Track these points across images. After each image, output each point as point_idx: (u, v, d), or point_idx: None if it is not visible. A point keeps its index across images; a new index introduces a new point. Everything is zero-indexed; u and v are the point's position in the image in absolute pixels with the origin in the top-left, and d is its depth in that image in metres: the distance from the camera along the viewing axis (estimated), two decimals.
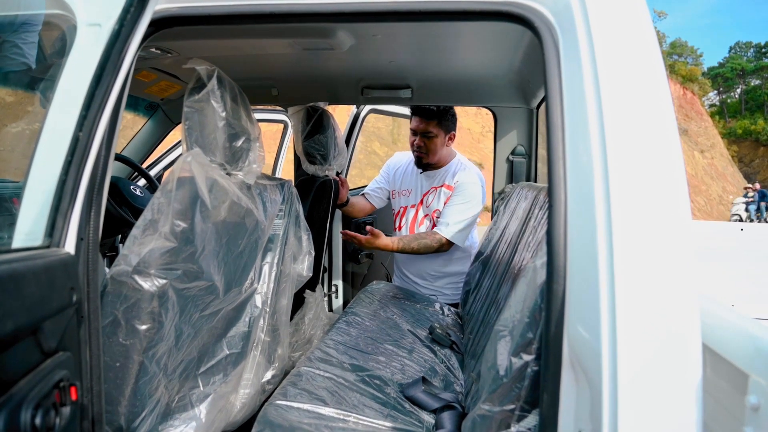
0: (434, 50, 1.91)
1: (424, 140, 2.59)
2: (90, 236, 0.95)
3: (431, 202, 2.71)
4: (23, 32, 1.71)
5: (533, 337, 1.02)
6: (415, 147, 2.63)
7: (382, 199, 2.94)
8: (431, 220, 2.70)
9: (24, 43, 1.73)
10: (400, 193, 2.84)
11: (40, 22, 1.60)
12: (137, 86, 2.31)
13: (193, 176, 1.43)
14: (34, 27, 1.67)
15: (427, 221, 2.73)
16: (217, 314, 1.54)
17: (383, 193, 2.93)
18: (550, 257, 0.89)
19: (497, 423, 1.06)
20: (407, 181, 2.83)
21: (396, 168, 2.91)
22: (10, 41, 1.75)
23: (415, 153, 2.65)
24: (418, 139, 2.60)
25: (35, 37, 1.70)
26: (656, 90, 0.83)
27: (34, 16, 1.64)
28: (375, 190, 2.93)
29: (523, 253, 1.67)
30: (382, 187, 2.93)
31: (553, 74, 0.95)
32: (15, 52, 1.77)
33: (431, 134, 2.58)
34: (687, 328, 0.75)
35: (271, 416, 1.33)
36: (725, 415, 0.82)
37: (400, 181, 2.86)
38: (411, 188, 2.80)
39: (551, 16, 0.98)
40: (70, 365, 0.87)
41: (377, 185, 2.94)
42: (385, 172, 2.96)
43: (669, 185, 0.79)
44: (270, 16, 1.14)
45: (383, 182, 2.94)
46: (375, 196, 2.92)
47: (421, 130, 2.58)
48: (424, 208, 2.74)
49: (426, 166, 2.69)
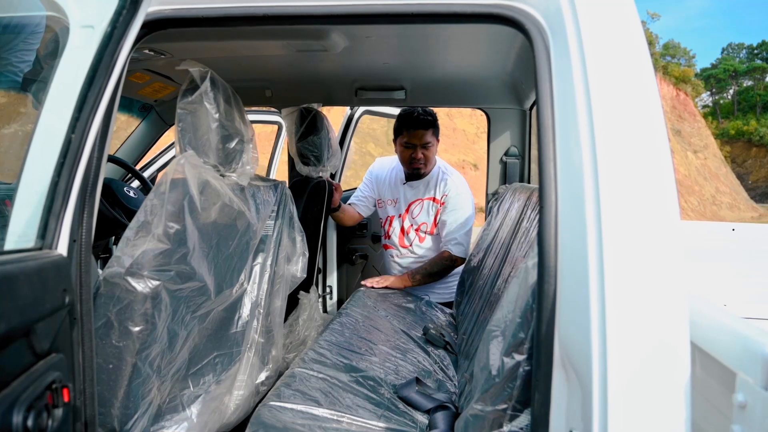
0: (427, 52, 1.91)
1: (424, 152, 2.56)
2: (83, 238, 0.95)
3: (417, 214, 2.71)
4: (19, 51, 1.71)
5: (525, 337, 1.02)
6: (413, 161, 2.59)
7: (369, 207, 2.93)
8: (419, 232, 2.72)
9: (20, 62, 1.72)
10: (386, 202, 2.84)
11: (38, 41, 1.60)
12: (131, 88, 2.30)
13: (185, 178, 1.43)
14: (32, 45, 1.66)
15: (413, 231, 2.74)
16: (209, 315, 1.54)
17: (369, 202, 2.92)
18: (541, 258, 0.90)
19: (490, 423, 1.07)
20: (392, 191, 2.82)
21: (379, 175, 2.90)
22: (6, 59, 1.74)
23: (414, 166, 2.61)
24: (419, 151, 2.56)
25: (32, 56, 1.69)
26: (645, 91, 0.84)
27: (33, 35, 1.64)
28: (361, 200, 2.92)
29: (516, 253, 1.68)
30: (367, 195, 2.91)
31: (543, 76, 0.96)
32: (10, 70, 1.77)
33: (430, 144, 2.57)
34: (676, 328, 0.75)
35: (265, 417, 1.33)
36: (715, 414, 0.83)
37: (385, 189, 2.85)
38: (396, 198, 2.80)
39: (542, 18, 0.99)
40: (63, 367, 0.87)
41: (362, 194, 2.92)
42: (368, 179, 2.94)
43: (658, 186, 0.80)
44: (263, 18, 1.14)
45: (368, 190, 2.92)
46: (362, 206, 2.91)
47: (422, 142, 2.55)
48: (410, 219, 2.74)
49: (420, 177, 2.68)
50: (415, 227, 2.73)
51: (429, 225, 2.70)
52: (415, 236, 2.74)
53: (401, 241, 2.77)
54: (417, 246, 2.75)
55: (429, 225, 2.70)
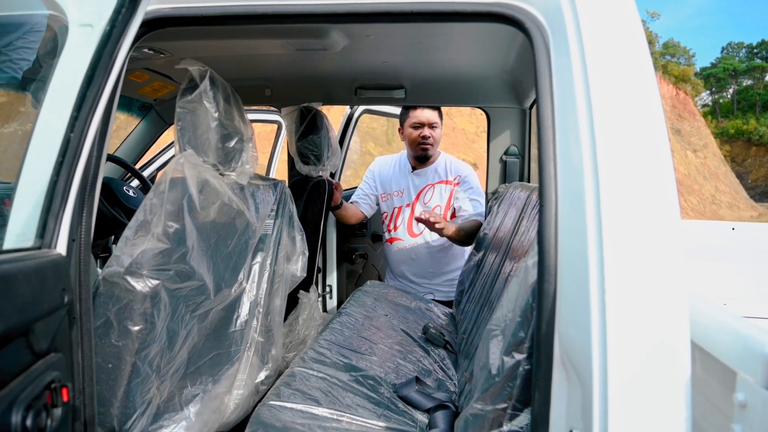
0: (427, 51, 1.91)
1: (431, 131, 2.69)
2: (82, 237, 0.95)
3: (430, 199, 2.76)
4: (19, 48, 1.70)
5: (525, 336, 1.02)
6: (422, 140, 2.69)
7: (371, 206, 2.95)
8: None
9: (20, 59, 1.72)
10: (391, 195, 2.86)
11: (39, 40, 1.59)
12: (130, 87, 2.30)
13: (185, 177, 1.43)
14: (33, 45, 1.66)
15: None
16: (208, 314, 1.54)
17: (372, 200, 2.94)
18: (541, 257, 0.90)
19: (489, 422, 1.07)
20: (397, 182, 2.85)
21: (381, 172, 2.94)
22: (6, 55, 1.74)
23: (421, 146, 2.71)
24: (426, 130, 2.68)
25: (32, 55, 1.68)
26: (645, 90, 0.84)
27: (33, 34, 1.63)
28: (363, 198, 2.94)
29: (516, 252, 1.68)
30: (368, 194, 2.94)
31: (543, 75, 0.96)
32: (9, 66, 1.77)
33: (436, 125, 2.70)
34: (676, 327, 0.75)
35: (265, 417, 1.33)
36: (715, 413, 0.83)
37: (389, 183, 2.88)
38: (403, 188, 2.83)
39: (542, 17, 0.98)
40: (62, 366, 0.87)
41: (364, 193, 2.95)
42: (369, 178, 2.98)
43: (658, 185, 0.80)
44: (262, 17, 1.14)
45: (369, 189, 2.95)
46: (364, 204, 2.93)
47: (430, 122, 2.68)
48: (421, 205, 2.77)
49: (425, 160, 2.76)
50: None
51: (443, 208, 2.74)
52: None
53: (410, 231, 2.79)
54: (428, 234, 2.75)
55: (443, 208, 2.74)
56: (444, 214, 2.73)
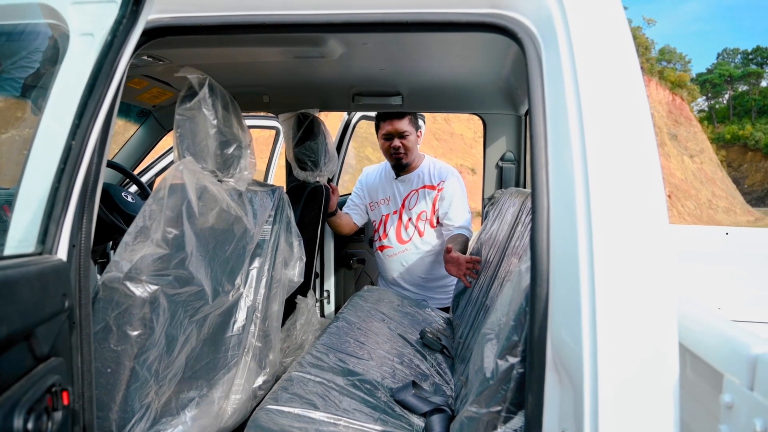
0: (423, 58, 1.93)
1: (401, 141, 2.68)
2: (82, 243, 0.96)
3: (414, 205, 2.77)
4: (21, 56, 1.72)
5: (518, 340, 1.04)
6: (393, 150, 2.71)
7: (361, 215, 2.98)
8: (416, 222, 2.76)
9: (22, 67, 1.73)
10: (379, 202, 2.89)
11: (40, 49, 1.61)
12: (129, 93, 2.31)
13: (184, 183, 1.45)
14: (34, 53, 1.67)
15: (411, 225, 2.78)
16: (206, 319, 1.55)
17: (361, 209, 2.97)
18: (533, 262, 0.91)
19: (484, 424, 1.08)
20: (384, 190, 2.88)
21: (368, 181, 2.97)
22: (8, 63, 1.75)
23: (394, 156, 2.72)
24: (396, 141, 2.69)
25: (33, 63, 1.70)
26: (634, 98, 0.86)
27: (35, 44, 1.65)
28: (354, 208, 2.97)
29: (511, 257, 1.69)
30: (358, 204, 2.97)
31: (535, 83, 0.98)
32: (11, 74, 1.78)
33: (406, 133, 2.68)
34: (665, 331, 0.77)
35: (262, 421, 1.34)
36: (703, 414, 0.85)
37: (376, 191, 2.91)
38: (389, 196, 2.86)
39: (533, 27, 1.01)
40: (62, 370, 0.88)
41: (354, 203, 2.98)
42: (358, 189, 3.01)
43: (647, 191, 0.81)
44: (261, 27, 1.15)
45: (358, 199, 2.98)
46: (354, 214, 2.96)
47: (397, 132, 2.67)
48: (407, 212, 2.80)
49: (404, 168, 2.78)
50: (413, 219, 2.76)
51: (428, 213, 2.75)
52: (414, 230, 2.77)
53: (399, 238, 2.80)
54: (417, 240, 2.77)
55: (428, 213, 2.75)
56: (431, 219, 2.75)
